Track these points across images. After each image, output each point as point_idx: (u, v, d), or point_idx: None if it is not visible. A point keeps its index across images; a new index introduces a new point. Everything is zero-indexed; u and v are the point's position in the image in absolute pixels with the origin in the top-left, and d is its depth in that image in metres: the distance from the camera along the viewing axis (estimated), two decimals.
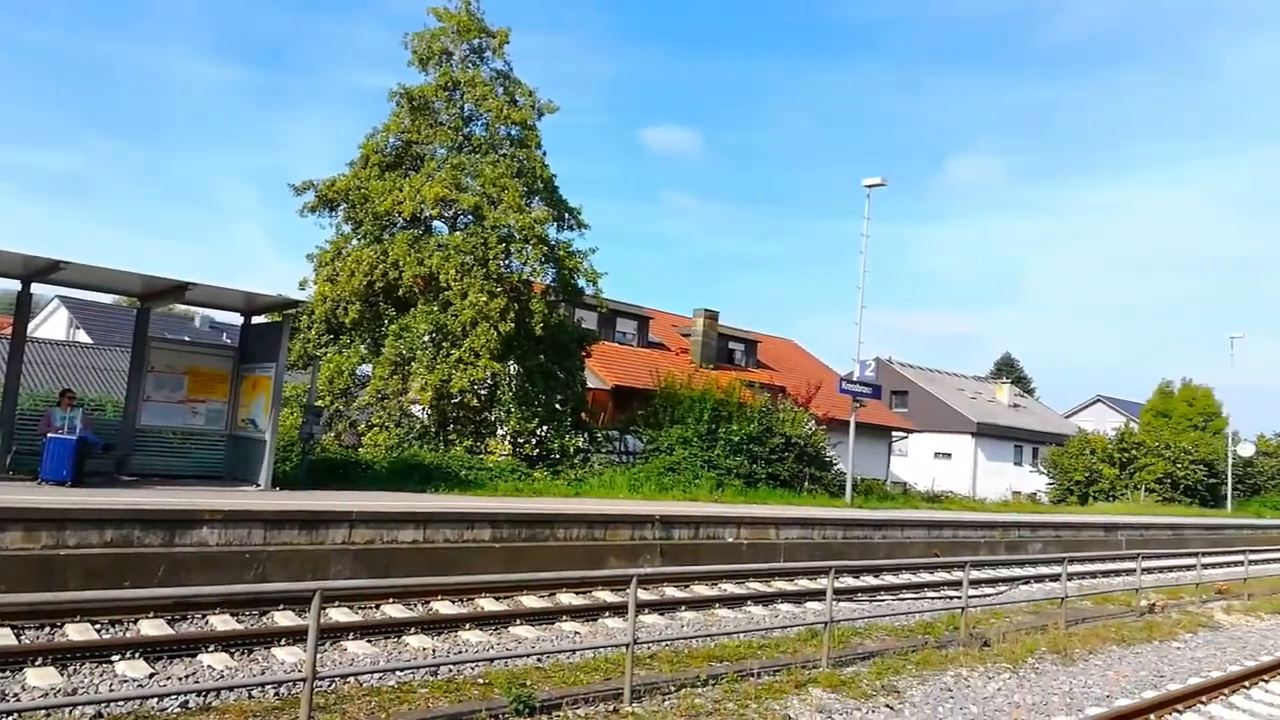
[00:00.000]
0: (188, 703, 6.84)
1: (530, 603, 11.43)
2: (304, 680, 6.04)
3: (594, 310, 27.24)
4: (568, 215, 23.75)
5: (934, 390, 54.10)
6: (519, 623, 10.36)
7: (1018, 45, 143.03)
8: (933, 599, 14.70)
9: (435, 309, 21.27)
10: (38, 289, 14.39)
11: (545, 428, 22.18)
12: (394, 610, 10.27)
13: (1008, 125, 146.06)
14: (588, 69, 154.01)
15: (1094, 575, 20.08)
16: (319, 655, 6.78)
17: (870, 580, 16.01)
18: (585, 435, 23.58)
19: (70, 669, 7.38)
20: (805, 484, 24.75)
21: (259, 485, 14.35)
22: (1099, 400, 74.25)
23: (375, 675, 7.73)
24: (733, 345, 37.45)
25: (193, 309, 42.15)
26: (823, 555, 17.52)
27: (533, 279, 22.42)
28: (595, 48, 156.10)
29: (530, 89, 23.43)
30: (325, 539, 11.66)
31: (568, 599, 11.83)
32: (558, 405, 22.64)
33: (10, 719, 6.52)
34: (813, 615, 12.20)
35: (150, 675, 7.48)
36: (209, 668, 7.80)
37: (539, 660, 8.80)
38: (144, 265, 13.64)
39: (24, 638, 8.10)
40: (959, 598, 12.32)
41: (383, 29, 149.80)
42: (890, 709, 7.91)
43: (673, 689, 7.82)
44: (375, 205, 21.87)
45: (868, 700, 8.05)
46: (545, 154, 23.35)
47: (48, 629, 8.37)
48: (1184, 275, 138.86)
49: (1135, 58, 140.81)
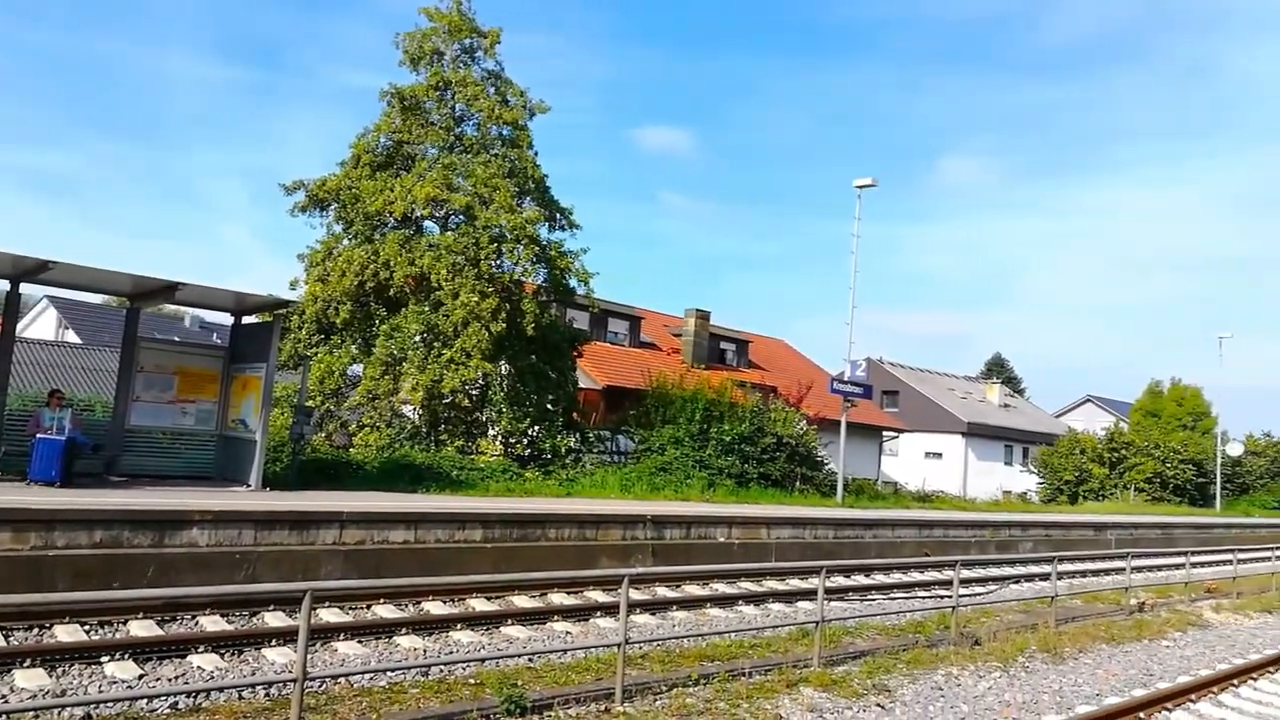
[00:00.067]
0: (177, 704, 6.81)
1: (522, 603, 11.41)
2: (294, 681, 6.02)
3: (586, 310, 27.24)
4: (559, 215, 23.75)
5: (925, 390, 54.25)
6: (510, 623, 10.35)
7: (1010, 46, 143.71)
8: (924, 598, 14.74)
9: (426, 309, 21.24)
10: (26, 289, 14.31)
11: (537, 428, 22.16)
12: (385, 611, 10.25)
13: (1000, 126, 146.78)
14: (582, 69, 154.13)
15: (1084, 574, 20.17)
16: (310, 656, 6.77)
17: (861, 580, 16.05)
18: (577, 435, 23.58)
19: (59, 670, 7.35)
20: (797, 484, 24.81)
21: (249, 486, 14.30)
22: (1089, 400, 74.62)
23: (366, 676, 7.71)
24: (724, 345, 37.49)
25: (183, 309, 42.03)
26: (814, 555, 17.56)
27: (524, 279, 22.41)
28: (589, 48, 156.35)
29: (522, 89, 23.46)
30: (316, 539, 11.64)
31: (559, 599, 11.82)
32: (549, 405, 22.62)
33: None
34: (804, 615, 12.22)
35: (140, 676, 7.45)
36: (199, 669, 7.77)
37: (530, 660, 8.80)
38: (134, 265, 13.55)
39: (12, 639, 8.04)
40: (950, 597, 12.36)
41: (374, 29, 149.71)
42: (881, 708, 7.93)
43: (664, 689, 7.83)
44: (366, 205, 21.83)
45: (859, 699, 8.07)
46: (537, 154, 23.38)
47: (36, 630, 8.32)
48: (1176, 276, 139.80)
49: (1128, 59, 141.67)
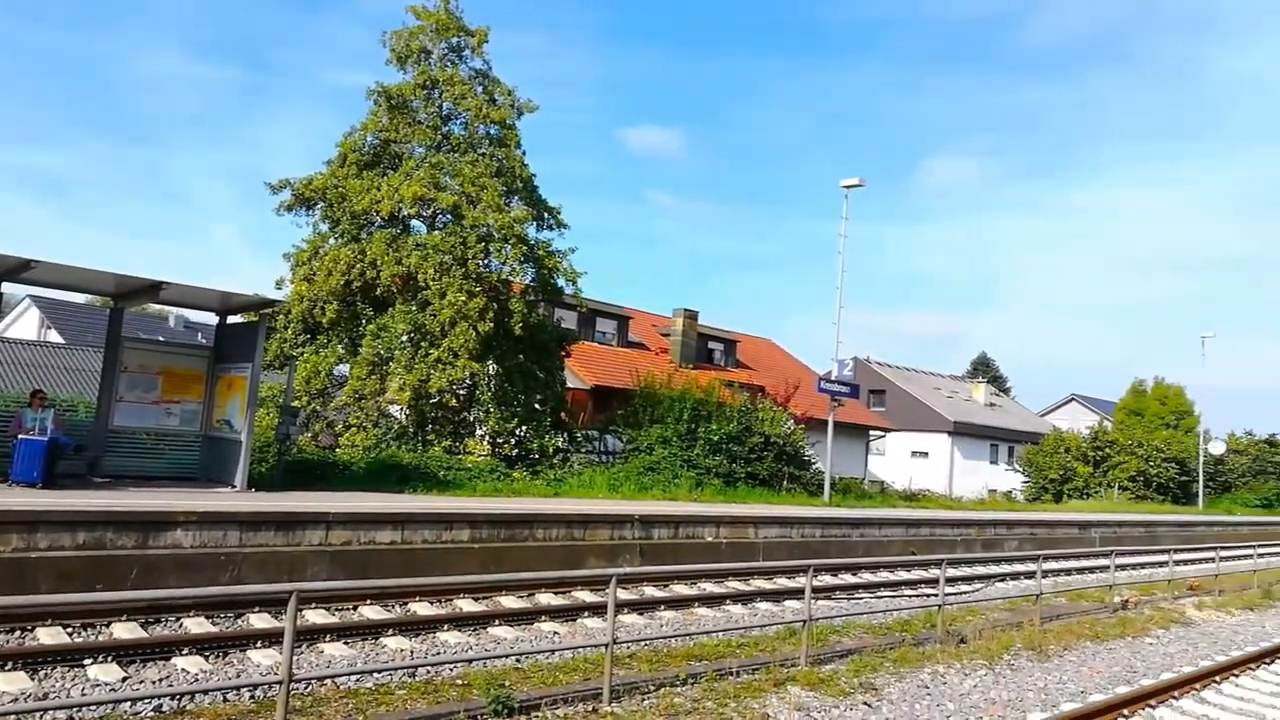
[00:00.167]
0: (161, 706, 6.77)
1: (509, 603, 11.40)
2: (280, 683, 5.99)
3: (573, 310, 27.21)
4: (547, 215, 23.71)
5: (911, 390, 54.46)
6: (498, 623, 10.34)
7: (999, 46, 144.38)
8: (910, 597, 14.80)
9: (413, 308, 21.16)
10: (8, 288, 14.18)
11: (524, 428, 22.11)
12: (371, 611, 10.21)
13: (989, 126, 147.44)
14: (572, 68, 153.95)
15: (1068, 572, 20.28)
16: (295, 657, 6.74)
17: (848, 579, 16.10)
18: (565, 435, 23.54)
19: (41, 673, 7.29)
20: (784, 483, 24.86)
21: (234, 486, 14.21)
22: (1073, 399, 75.08)
23: (352, 677, 7.68)
24: (712, 345, 37.53)
25: (167, 309, 41.84)
26: (801, 554, 17.60)
27: (512, 278, 22.36)
28: (580, 47, 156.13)
29: (509, 88, 23.40)
30: (302, 540, 11.58)
31: (547, 599, 11.81)
32: (537, 405, 22.58)
33: None
34: (791, 614, 12.24)
35: (123, 679, 7.41)
36: (183, 671, 7.73)
37: (518, 661, 8.79)
38: (119, 264, 13.46)
39: None
40: (936, 595, 12.42)
41: (361, 27, 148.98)
42: (868, 706, 7.95)
43: (652, 688, 7.83)
44: (353, 204, 21.73)
45: (846, 698, 8.09)
46: (525, 153, 23.31)
47: (18, 633, 8.25)
48: (1163, 276, 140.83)
49: (1117, 59, 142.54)
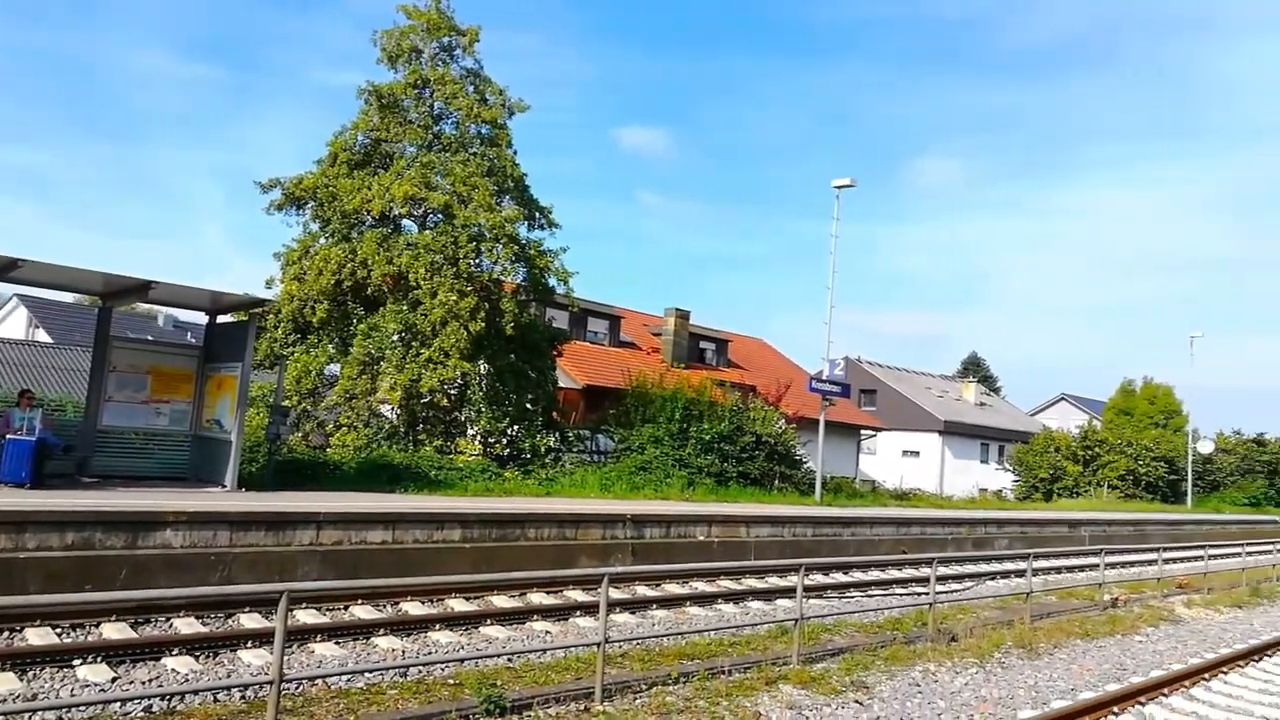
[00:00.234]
0: (151, 707, 6.74)
1: (501, 603, 11.38)
2: (271, 683, 5.97)
3: (565, 310, 27.19)
4: (538, 214, 23.71)
5: (902, 389, 54.63)
6: (489, 623, 10.32)
7: (983, 48, 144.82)
8: (901, 595, 14.84)
9: (404, 308, 21.12)
10: None
11: (516, 427, 22.10)
12: (363, 611, 10.18)
13: (977, 127, 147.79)
14: (563, 68, 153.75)
15: (1058, 571, 20.37)
16: (286, 657, 6.71)
17: (840, 577, 16.12)
18: (556, 435, 23.53)
19: (30, 674, 7.25)
20: (775, 482, 24.90)
21: (224, 486, 14.17)
22: (1063, 399, 75.38)
23: (344, 677, 7.66)
24: (704, 345, 37.57)
25: (156, 308, 41.69)
26: (793, 553, 17.63)
27: (503, 278, 22.35)
28: (570, 47, 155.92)
29: (501, 87, 23.39)
30: (292, 540, 11.54)
31: (539, 598, 11.80)
32: (529, 405, 22.57)
33: None
34: (783, 613, 12.26)
35: (113, 679, 7.36)
36: (173, 671, 7.69)
37: (510, 660, 8.77)
38: (108, 264, 13.40)
39: None
40: (927, 594, 12.44)
41: (351, 26, 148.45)
42: (859, 704, 7.97)
43: (644, 687, 7.83)
44: (343, 203, 21.67)
45: (837, 696, 8.11)
46: (516, 153, 23.31)
47: (6, 633, 8.20)
48: (1152, 276, 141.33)
49: (1100, 61, 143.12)
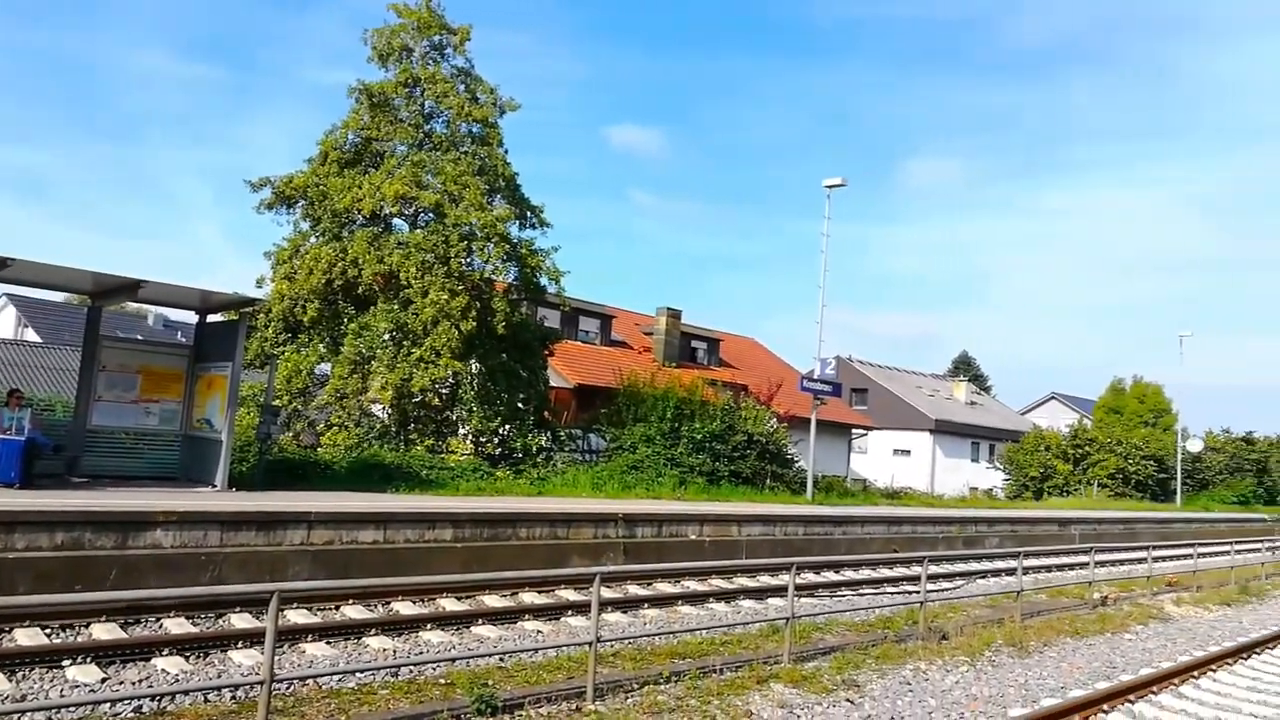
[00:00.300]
0: (141, 707, 6.72)
1: (492, 602, 11.37)
2: (261, 683, 5.95)
3: (556, 309, 27.19)
4: (530, 213, 23.67)
5: (893, 388, 54.73)
6: (481, 622, 10.31)
7: (980, 49, 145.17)
8: (892, 594, 14.88)
9: (395, 307, 21.08)
10: None
11: (508, 427, 22.08)
12: (354, 611, 10.17)
13: (969, 128, 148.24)
14: (555, 67, 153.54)
15: (1048, 569, 20.45)
16: (277, 657, 6.70)
17: (831, 576, 16.15)
18: (548, 434, 23.52)
19: (19, 675, 7.22)
20: (767, 481, 24.94)
21: (215, 486, 14.12)
22: (1053, 398, 75.68)
23: (335, 677, 7.64)
24: (695, 344, 37.58)
25: (146, 307, 41.45)
26: (784, 552, 17.66)
27: (494, 277, 22.32)
28: (562, 46, 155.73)
29: (492, 86, 23.35)
30: (283, 540, 11.52)
31: (530, 598, 11.80)
32: (520, 404, 22.54)
33: None
34: (774, 611, 12.27)
35: (103, 680, 7.34)
36: (163, 671, 7.67)
37: (501, 660, 8.77)
38: (99, 263, 13.31)
39: None
40: (918, 592, 12.49)
41: (342, 25, 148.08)
42: (851, 703, 7.99)
43: (636, 686, 7.83)
44: (334, 202, 21.61)
45: (828, 695, 8.13)
46: (507, 152, 23.28)
47: None
48: (1142, 276, 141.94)
49: (1096, 61, 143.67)
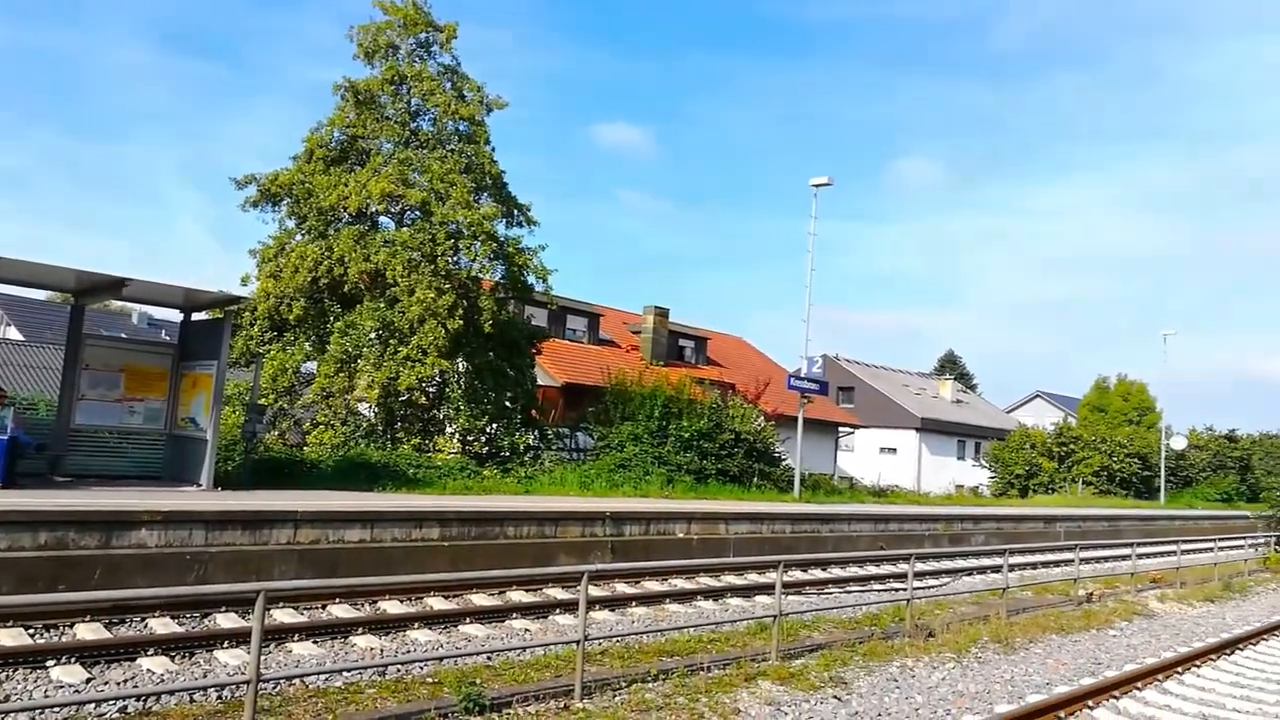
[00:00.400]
0: (126, 708, 6.67)
1: (480, 601, 11.35)
2: (248, 683, 5.92)
3: (544, 307, 27.16)
4: (517, 212, 23.64)
5: (879, 386, 54.93)
6: (469, 621, 10.29)
7: (966, 49, 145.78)
8: (879, 591, 14.94)
9: (382, 305, 21.00)
10: None
11: (495, 425, 22.04)
12: (341, 610, 10.13)
13: (955, 128, 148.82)
14: (539, 65, 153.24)
15: (1034, 566, 20.55)
16: (263, 657, 6.66)
17: (818, 574, 16.19)
18: (535, 433, 23.50)
19: (3, 675, 7.16)
20: (754, 479, 24.98)
21: (200, 485, 14.04)
22: (1038, 396, 76.15)
23: (321, 676, 7.62)
24: (683, 342, 37.62)
25: (130, 305, 41.22)
26: (771, 549, 17.70)
27: (481, 276, 22.27)
28: (546, 44, 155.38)
29: (479, 84, 23.31)
30: (269, 539, 11.46)
31: (518, 596, 11.78)
32: (507, 403, 22.51)
33: None
34: (762, 609, 12.31)
35: (87, 680, 7.29)
36: (149, 671, 7.62)
37: (489, 658, 8.75)
38: (82, 261, 13.22)
39: None
40: (904, 590, 12.54)
41: (327, 22, 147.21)
42: (838, 700, 8.01)
43: (624, 684, 7.83)
44: (320, 200, 21.51)
45: (816, 692, 8.15)
46: (494, 150, 23.23)
47: None
48: (1129, 273, 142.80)
49: (1081, 63, 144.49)
